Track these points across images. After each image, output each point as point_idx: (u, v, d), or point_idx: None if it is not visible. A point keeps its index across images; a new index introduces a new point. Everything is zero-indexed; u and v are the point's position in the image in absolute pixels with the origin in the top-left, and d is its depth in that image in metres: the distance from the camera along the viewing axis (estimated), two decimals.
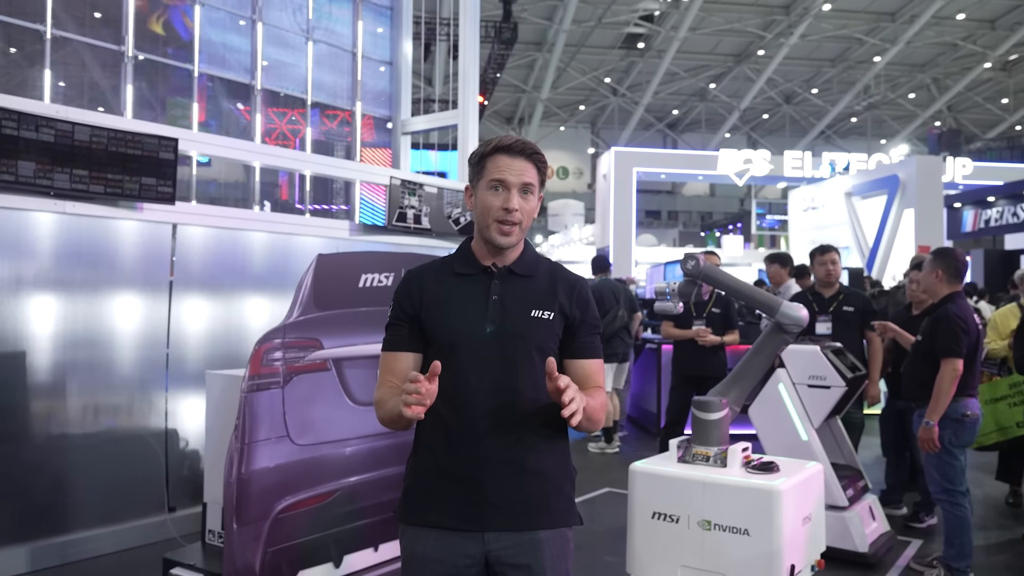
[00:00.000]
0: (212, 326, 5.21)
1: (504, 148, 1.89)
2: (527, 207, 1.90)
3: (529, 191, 1.90)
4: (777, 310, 3.64)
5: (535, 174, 1.91)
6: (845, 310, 5.34)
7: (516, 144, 1.90)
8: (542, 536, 1.89)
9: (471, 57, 9.52)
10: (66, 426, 4.53)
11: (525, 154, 1.90)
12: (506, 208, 1.87)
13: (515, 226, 1.88)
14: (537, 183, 1.92)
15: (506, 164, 1.88)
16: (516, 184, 1.88)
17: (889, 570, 4.48)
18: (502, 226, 1.88)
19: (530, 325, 1.90)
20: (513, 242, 1.91)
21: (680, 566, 3.09)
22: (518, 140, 1.91)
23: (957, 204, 19.05)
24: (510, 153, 1.89)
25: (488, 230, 1.90)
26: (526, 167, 1.90)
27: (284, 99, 9.98)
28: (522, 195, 1.89)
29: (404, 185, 6.80)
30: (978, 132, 36.22)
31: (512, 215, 1.87)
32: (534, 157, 1.91)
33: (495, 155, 1.89)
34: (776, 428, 4.60)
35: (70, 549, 4.40)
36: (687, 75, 32.04)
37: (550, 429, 1.92)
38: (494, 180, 1.88)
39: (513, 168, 1.88)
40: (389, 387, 1.90)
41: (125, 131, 4.73)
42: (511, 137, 1.92)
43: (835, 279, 5.52)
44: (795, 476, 3.16)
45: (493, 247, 1.92)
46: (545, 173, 1.95)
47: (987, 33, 28.00)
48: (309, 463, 3.50)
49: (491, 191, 1.89)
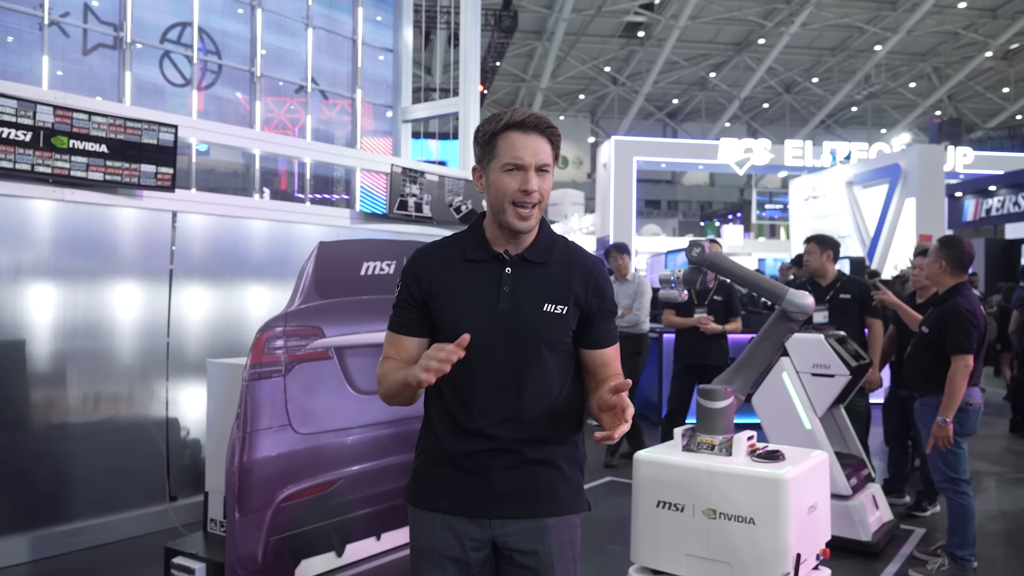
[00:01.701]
0: (213, 314, 5.18)
1: (517, 124, 1.75)
2: (545, 187, 1.78)
3: (546, 170, 1.77)
4: (783, 298, 3.61)
5: (550, 151, 1.78)
6: (842, 298, 5.29)
7: (530, 119, 1.75)
8: (549, 523, 1.87)
9: (471, 45, 9.47)
10: (67, 415, 4.51)
11: (539, 129, 1.76)
12: (524, 190, 1.74)
13: (534, 208, 1.76)
14: (552, 160, 1.78)
15: (521, 143, 1.74)
16: (533, 164, 1.75)
17: (893, 559, 4.48)
18: (520, 210, 1.76)
19: (542, 320, 1.81)
20: (532, 226, 1.79)
21: (685, 555, 3.07)
22: (531, 115, 1.76)
23: (958, 193, 19.02)
24: (523, 129, 1.75)
25: (504, 214, 1.77)
26: (541, 144, 1.76)
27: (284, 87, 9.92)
28: (539, 175, 1.76)
29: (405, 173, 6.77)
30: (979, 121, 36.14)
31: (531, 197, 1.75)
32: (548, 132, 1.77)
33: (507, 132, 1.75)
34: (780, 417, 4.58)
35: (71, 538, 4.39)
36: (687, 64, 31.94)
37: (561, 421, 1.89)
38: (508, 162, 1.75)
39: (528, 147, 1.74)
40: (393, 363, 1.86)
41: (124, 117, 4.69)
42: (522, 111, 1.77)
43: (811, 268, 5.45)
44: (801, 465, 3.14)
45: (509, 231, 1.80)
46: (559, 148, 1.81)
47: (988, 22, 27.89)
48: (311, 452, 3.48)
49: (506, 173, 1.75)
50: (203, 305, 5.14)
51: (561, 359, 1.86)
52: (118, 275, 4.74)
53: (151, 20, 8.74)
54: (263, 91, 9.56)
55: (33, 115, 4.27)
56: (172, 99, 8.98)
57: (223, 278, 5.25)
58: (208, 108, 9.33)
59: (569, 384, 1.90)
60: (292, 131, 10.03)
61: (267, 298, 5.37)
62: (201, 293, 5.13)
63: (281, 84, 9.92)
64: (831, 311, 5.28)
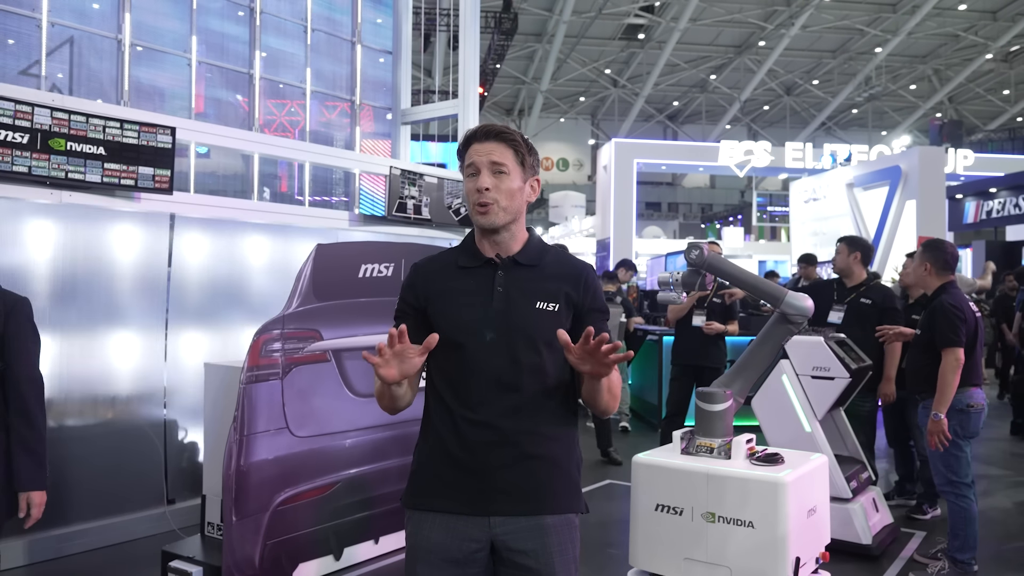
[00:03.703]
0: (210, 317, 5.17)
1: (473, 136, 1.95)
2: (502, 186, 1.91)
3: (501, 170, 1.91)
4: (782, 300, 3.60)
5: (508, 153, 1.92)
6: (862, 302, 5.23)
7: (481, 129, 1.95)
8: (548, 521, 1.89)
9: (471, 47, 9.45)
10: (63, 417, 4.49)
11: (491, 136, 1.93)
12: (477, 188, 1.90)
13: (490, 205, 1.89)
14: (512, 162, 1.92)
15: (475, 150, 1.93)
16: (485, 164, 1.91)
17: (893, 562, 4.46)
18: (478, 207, 1.90)
19: (536, 317, 1.89)
20: (493, 222, 1.91)
21: (683, 558, 3.06)
22: (485, 125, 1.96)
23: (959, 195, 18.99)
24: (478, 139, 1.94)
25: (472, 215, 1.93)
26: (494, 147, 1.92)
27: (284, 90, 9.91)
28: (494, 175, 1.90)
29: (404, 175, 6.76)
30: (979, 123, 36.13)
31: (484, 195, 1.89)
32: (502, 136, 1.93)
33: (469, 146, 1.94)
34: (779, 419, 4.57)
35: (68, 542, 4.38)
36: (687, 66, 31.94)
37: (557, 417, 1.93)
38: (468, 166, 1.93)
39: (481, 151, 1.92)
40: None
41: (122, 120, 4.68)
42: (482, 126, 1.96)
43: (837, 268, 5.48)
44: (800, 468, 3.13)
45: (485, 233, 1.94)
46: (526, 153, 1.96)
47: (988, 24, 27.89)
48: (309, 455, 3.47)
49: (469, 178, 1.93)
50: (201, 307, 5.13)
51: (557, 357, 1.88)
52: (116, 277, 4.73)
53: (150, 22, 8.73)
54: (263, 93, 9.56)
55: (31, 117, 4.26)
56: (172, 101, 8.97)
57: (221, 280, 5.24)
58: (208, 110, 9.32)
59: (566, 382, 1.95)
60: (292, 133, 10.03)
61: (265, 300, 5.35)
62: (199, 295, 5.12)
63: (281, 87, 9.92)
64: (847, 313, 5.25)
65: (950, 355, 4.02)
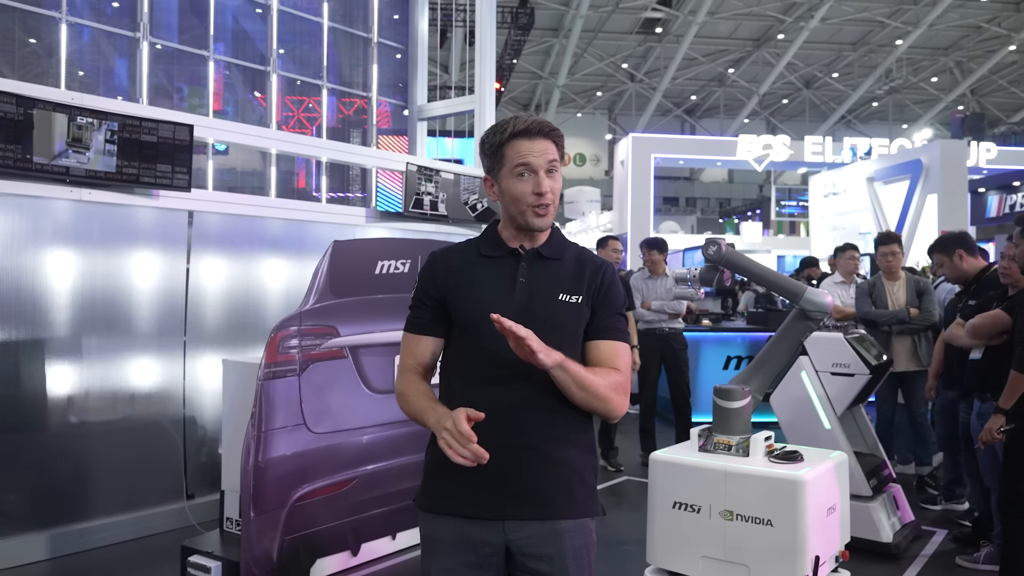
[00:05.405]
0: (229, 313, 5.19)
1: (521, 132, 1.84)
2: (556, 187, 1.88)
3: (554, 169, 1.87)
4: (801, 296, 3.57)
5: (556, 151, 1.88)
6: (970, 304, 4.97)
7: (533, 125, 1.85)
8: (563, 526, 1.84)
9: (488, 42, 9.43)
10: (84, 413, 4.53)
11: (543, 134, 1.86)
12: (538, 192, 1.84)
13: (549, 207, 1.86)
14: (559, 159, 1.89)
15: (527, 148, 1.84)
16: (542, 166, 1.84)
17: (914, 561, 4.41)
18: (537, 210, 1.85)
19: (557, 309, 1.86)
20: (550, 223, 1.90)
21: (701, 556, 3.04)
22: (533, 121, 1.86)
23: (981, 189, 18.74)
24: (528, 136, 1.85)
25: (523, 216, 1.86)
26: (547, 146, 1.86)
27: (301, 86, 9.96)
28: (549, 175, 1.86)
29: (420, 171, 6.76)
30: (1002, 116, 35.65)
31: (545, 197, 1.84)
32: (551, 134, 1.87)
33: (513, 141, 1.85)
34: (798, 417, 4.53)
35: (89, 536, 4.42)
36: (705, 60, 31.71)
37: (574, 417, 1.87)
38: (519, 166, 1.84)
39: (535, 150, 1.84)
40: (410, 376, 1.91)
41: (141, 117, 4.71)
42: (523, 119, 1.86)
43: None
44: (819, 466, 3.10)
45: (526, 231, 1.89)
46: (563, 147, 1.92)
47: (1012, 15, 27.49)
48: (326, 451, 3.48)
49: (517, 178, 1.85)
50: (219, 304, 5.15)
51: (578, 352, 1.86)
52: (135, 274, 4.76)
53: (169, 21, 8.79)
54: (280, 90, 9.60)
55: (50, 115, 4.30)
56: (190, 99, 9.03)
57: (239, 276, 5.26)
58: (225, 108, 9.38)
59: None
60: (310, 130, 10.07)
61: (282, 297, 5.37)
62: (218, 292, 5.14)
63: (299, 83, 9.96)
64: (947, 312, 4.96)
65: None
